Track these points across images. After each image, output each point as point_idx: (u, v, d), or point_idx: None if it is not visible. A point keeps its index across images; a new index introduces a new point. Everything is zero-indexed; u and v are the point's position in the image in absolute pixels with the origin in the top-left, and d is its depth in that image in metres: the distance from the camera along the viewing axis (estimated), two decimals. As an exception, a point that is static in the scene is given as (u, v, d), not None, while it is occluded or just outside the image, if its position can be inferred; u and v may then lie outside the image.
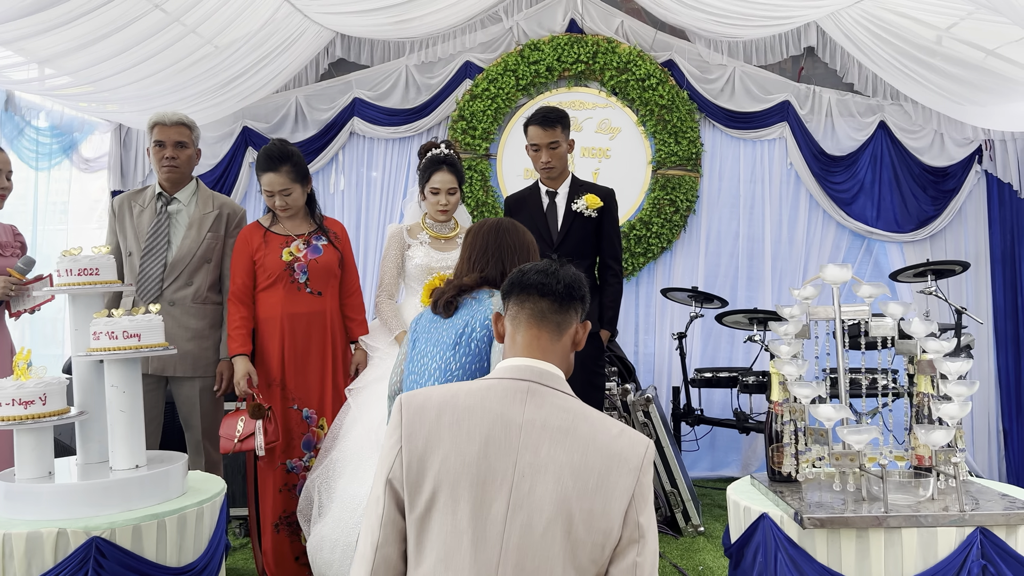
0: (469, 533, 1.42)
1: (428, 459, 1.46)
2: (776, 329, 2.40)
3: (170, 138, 3.42)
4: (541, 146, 3.48)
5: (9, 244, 3.13)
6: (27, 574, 2.06)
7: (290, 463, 3.29)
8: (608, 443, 1.47)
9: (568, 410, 1.51)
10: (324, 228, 3.44)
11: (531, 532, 1.42)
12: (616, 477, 1.45)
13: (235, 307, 3.31)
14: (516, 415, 1.48)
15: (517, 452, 1.45)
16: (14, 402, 2.23)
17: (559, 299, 1.62)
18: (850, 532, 1.98)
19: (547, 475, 1.44)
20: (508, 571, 1.41)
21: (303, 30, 5.11)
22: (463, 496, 1.43)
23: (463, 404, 1.50)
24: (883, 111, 5.31)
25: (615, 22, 5.43)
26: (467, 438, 1.46)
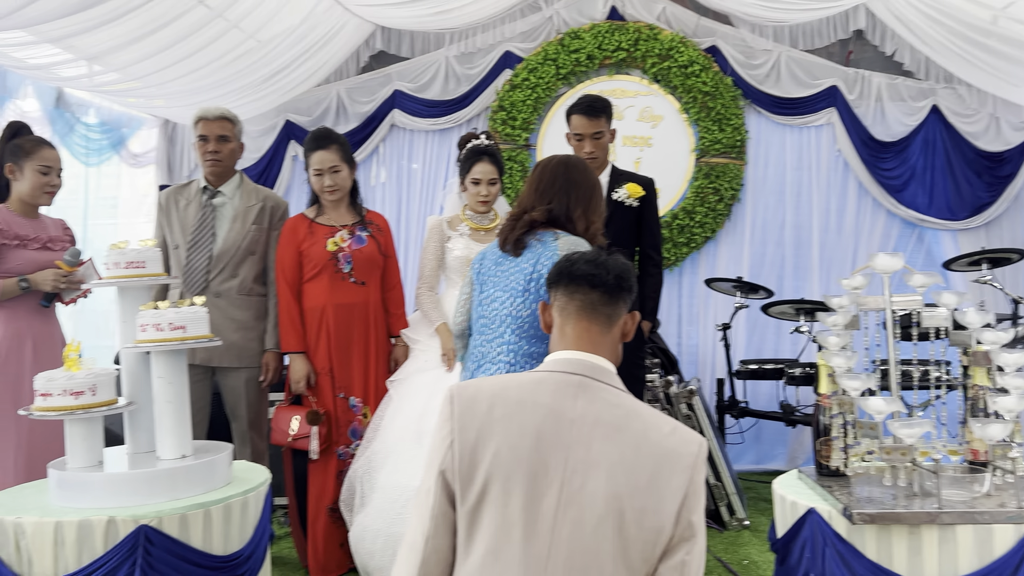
0: (520, 527, 1.41)
1: (480, 451, 1.45)
2: (825, 320, 2.34)
3: (213, 132, 3.47)
4: (585, 136, 3.42)
5: (59, 239, 3.20)
6: (78, 561, 2.11)
7: (339, 451, 3.33)
8: (660, 440, 1.46)
9: (620, 406, 1.49)
10: (366, 219, 3.46)
11: (582, 528, 1.41)
12: (669, 475, 1.43)
13: (287, 300, 3.36)
14: (568, 410, 1.47)
15: (569, 448, 1.44)
16: (65, 392, 2.28)
17: (609, 290, 1.59)
18: (902, 528, 1.92)
19: (599, 472, 1.42)
20: (558, 566, 1.40)
21: (344, 23, 5.13)
22: (515, 489, 1.42)
23: (514, 397, 1.49)
24: (935, 95, 5.15)
25: (657, 8, 5.35)
26: (519, 432, 1.45)
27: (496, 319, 2.46)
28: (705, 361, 5.27)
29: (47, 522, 2.11)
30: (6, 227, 3.02)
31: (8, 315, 3.02)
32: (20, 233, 3.06)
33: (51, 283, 3.02)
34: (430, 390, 3.09)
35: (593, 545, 1.40)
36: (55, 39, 4.01)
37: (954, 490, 2.02)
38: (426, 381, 3.15)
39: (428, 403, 3.03)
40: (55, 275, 3.02)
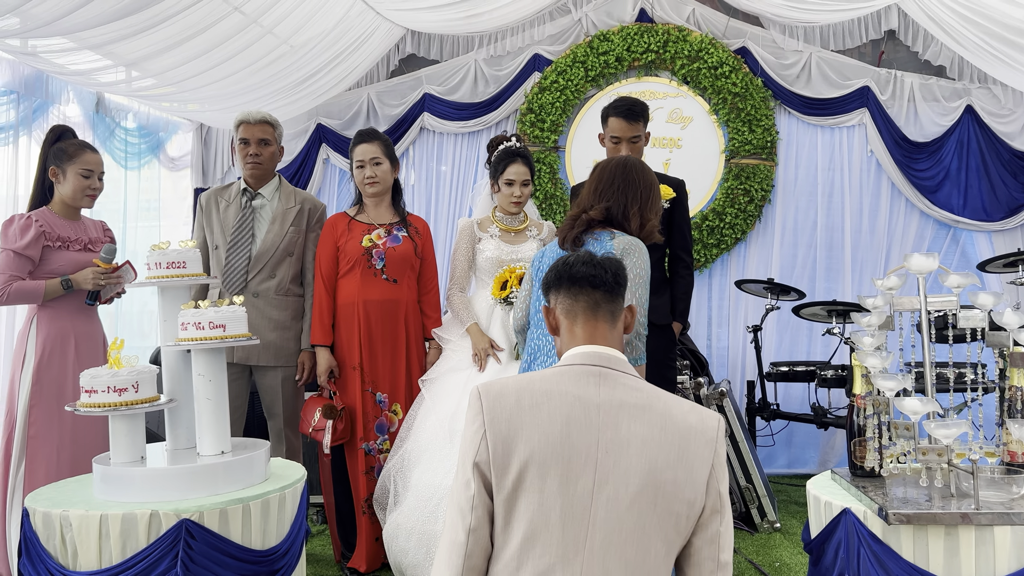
0: (557, 510, 1.45)
1: (513, 441, 1.49)
2: (859, 320, 2.33)
3: (254, 136, 3.54)
4: (623, 139, 3.41)
5: (99, 240, 3.27)
6: (122, 553, 2.16)
7: (367, 446, 3.38)
8: (683, 417, 1.53)
9: (640, 389, 1.56)
10: (407, 221, 3.50)
11: (617, 505, 1.45)
12: (696, 448, 1.50)
13: (320, 294, 3.43)
14: (592, 396, 1.52)
15: (599, 429, 1.49)
16: (109, 389, 2.34)
17: (610, 289, 1.65)
18: (938, 529, 1.91)
19: (630, 449, 1.48)
20: (596, 545, 1.44)
21: (375, 27, 5.19)
22: (549, 474, 1.46)
23: (540, 388, 1.54)
24: (970, 95, 5.09)
25: (686, 10, 5.35)
26: (548, 419, 1.49)
27: None
28: (735, 363, 5.25)
29: (92, 515, 2.17)
30: (50, 229, 3.10)
31: (52, 315, 3.09)
32: (63, 235, 3.14)
33: (91, 281, 3.09)
34: (462, 390, 3.12)
35: (630, 522, 1.45)
36: (95, 46, 4.11)
37: (991, 491, 2.01)
38: (458, 381, 3.18)
39: (460, 403, 3.06)
40: (94, 273, 3.09)
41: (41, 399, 3.01)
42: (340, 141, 5.59)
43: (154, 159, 5.29)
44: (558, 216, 5.32)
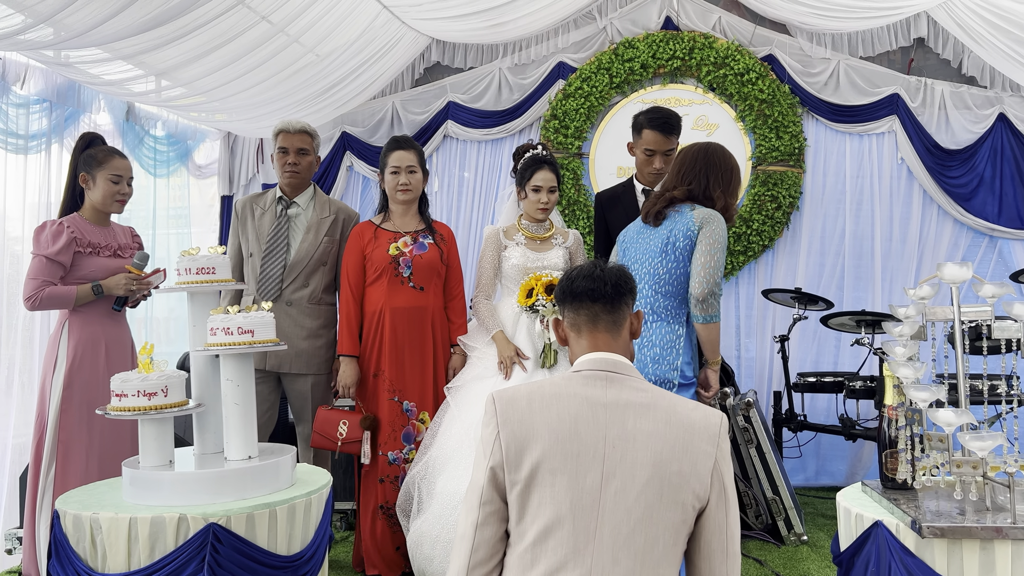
0: (567, 504, 1.52)
1: (525, 441, 1.57)
2: (891, 330, 2.30)
3: (293, 145, 3.58)
4: (657, 152, 3.40)
5: (128, 246, 3.32)
6: (151, 556, 2.18)
7: (391, 455, 3.37)
8: (687, 414, 1.60)
9: (645, 390, 1.64)
10: (432, 228, 3.51)
11: (625, 497, 1.52)
12: (699, 442, 1.57)
13: (348, 303, 3.44)
14: (600, 396, 1.61)
15: (606, 427, 1.57)
16: (139, 393, 2.36)
17: (610, 300, 1.71)
18: (973, 543, 1.88)
19: (636, 443, 1.55)
20: (605, 536, 1.50)
21: (400, 36, 5.22)
22: (559, 470, 1.54)
23: (549, 392, 1.62)
24: (1002, 103, 5.02)
25: (712, 18, 5.33)
26: (558, 418, 1.57)
27: (637, 278, 2.76)
28: (762, 373, 5.20)
29: (122, 518, 2.19)
30: (81, 235, 3.15)
31: (82, 320, 3.13)
32: (93, 241, 3.18)
33: (123, 287, 3.13)
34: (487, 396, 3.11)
35: (637, 512, 1.52)
36: (126, 56, 4.17)
37: (1029, 505, 1.97)
38: (484, 388, 3.18)
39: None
40: (127, 279, 3.13)
41: (72, 403, 3.05)
42: (364, 149, 5.62)
43: (182, 167, 5.35)
44: (581, 222, 5.30)
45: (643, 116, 3.44)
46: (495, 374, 3.23)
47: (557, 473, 1.53)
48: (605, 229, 3.54)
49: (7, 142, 3.88)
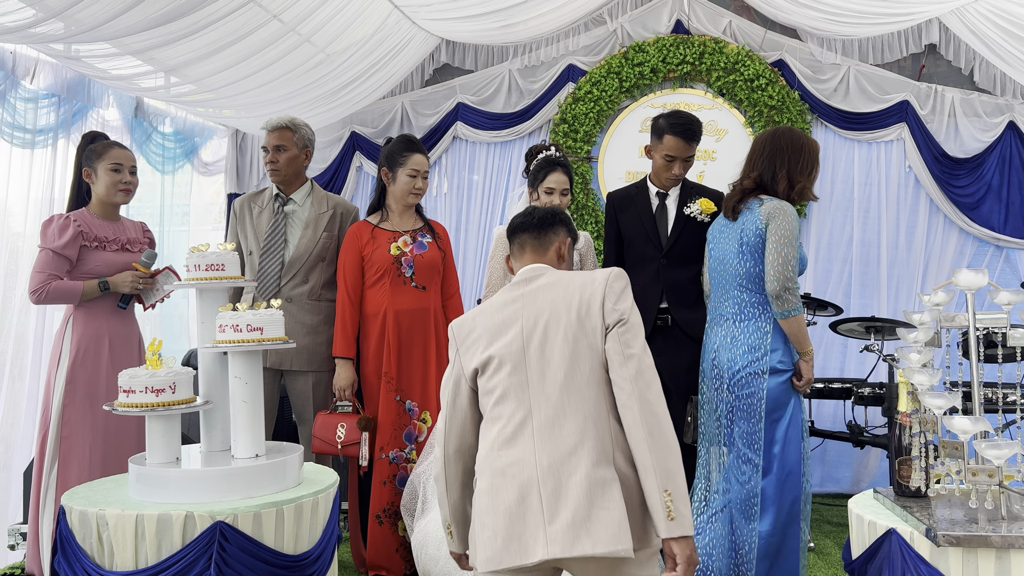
0: (507, 372, 1.93)
1: (474, 349, 2.00)
2: (905, 336, 2.28)
3: (271, 142, 3.57)
4: (677, 158, 3.36)
5: (138, 241, 3.31)
6: (157, 554, 2.17)
7: (392, 454, 3.35)
8: (583, 279, 2.01)
9: (554, 277, 2.04)
10: (431, 226, 3.51)
11: (544, 346, 1.93)
12: (590, 291, 1.97)
13: (344, 305, 3.41)
14: (520, 291, 2.04)
15: (524, 307, 1.99)
16: (147, 390, 2.35)
17: (535, 228, 2.14)
18: (988, 552, 1.86)
19: (545, 309, 1.98)
20: (535, 379, 1.91)
21: (411, 37, 5.22)
22: (497, 355, 1.95)
23: (487, 306, 2.06)
24: (1012, 111, 5.00)
25: (723, 22, 5.32)
26: (491, 319, 2.01)
27: (725, 276, 2.99)
28: (768, 379, 5.17)
29: (128, 515, 2.18)
30: (87, 229, 3.14)
31: (87, 315, 3.12)
32: (100, 235, 3.17)
33: (129, 285, 3.12)
34: None
35: (556, 355, 1.91)
36: (136, 51, 4.16)
37: (1046, 515, 1.95)
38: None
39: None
40: (133, 276, 3.12)
41: (74, 399, 3.03)
42: (374, 149, 5.61)
43: (188, 164, 5.34)
44: (590, 226, 5.29)
45: (664, 120, 3.39)
46: None
47: (495, 357, 1.96)
48: (617, 230, 3.52)
49: (13, 136, 3.86)
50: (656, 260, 3.38)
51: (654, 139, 3.42)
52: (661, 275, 3.37)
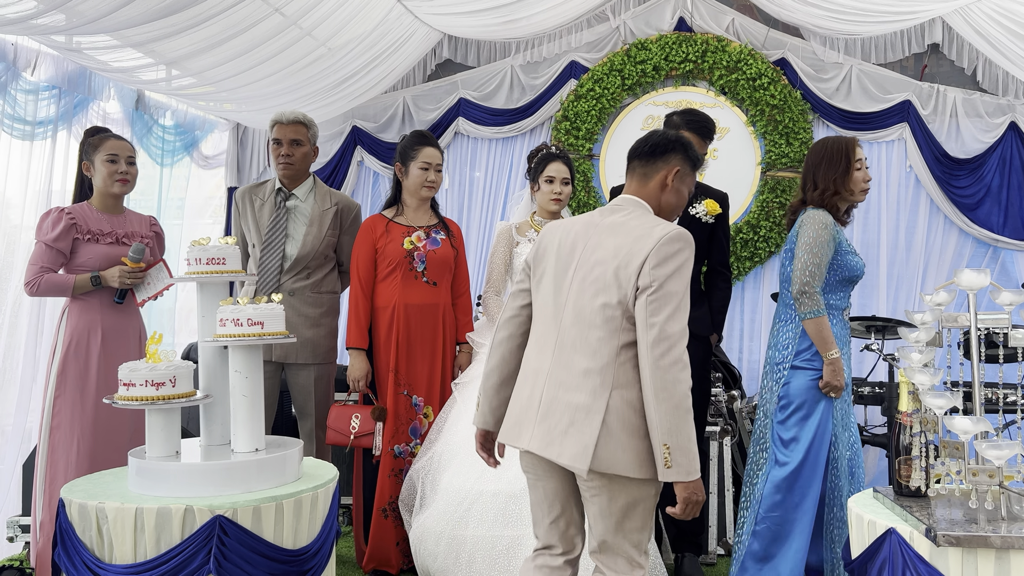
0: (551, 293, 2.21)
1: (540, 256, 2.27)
2: (907, 336, 2.28)
3: (286, 136, 3.55)
4: None
5: (140, 235, 3.29)
6: (156, 547, 2.16)
7: (397, 448, 3.36)
8: (647, 230, 2.13)
9: (630, 219, 2.19)
10: (445, 224, 3.51)
11: (587, 281, 2.15)
12: (640, 245, 2.10)
13: (357, 297, 3.43)
14: (597, 222, 2.23)
15: (587, 239, 2.21)
16: (147, 383, 2.34)
17: (644, 156, 2.27)
18: (988, 552, 1.86)
19: (600, 249, 2.17)
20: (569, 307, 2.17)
21: (412, 31, 5.20)
22: (549, 273, 2.23)
23: (570, 222, 2.29)
24: (1014, 111, 5.00)
25: (726, 20, 5.31)
26: (561, 239, 2.25)
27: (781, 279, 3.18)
28: (767, 377, 5.17)
29: (128, 508, 2.17)
30: (82, 222, 3.13)
31: (82, 308, 3.12)
32: (94, 228, 3.16)
33: (118, 279, 3.10)
34: None
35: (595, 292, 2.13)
36: (137, 43, 4.15)
37: (1046, 516, 1.95)
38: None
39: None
40: (121, 272, 3.10)
41: (65, 390, 3.04)
42: (375, 144, 5.60)
43: (187, 157, 5.33)
44: (590, 224, 5.28)
45: (679, 117, 3.39)
46: None
47: (548, 275, 2.23)
48: None
49: (13, 128, 3.85)
50: None
51: None
52: None
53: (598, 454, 2.03)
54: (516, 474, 2.77)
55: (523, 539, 2.76)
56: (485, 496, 2.86)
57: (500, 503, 2.84)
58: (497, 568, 2.76)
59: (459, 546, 2.84)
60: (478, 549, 2.81)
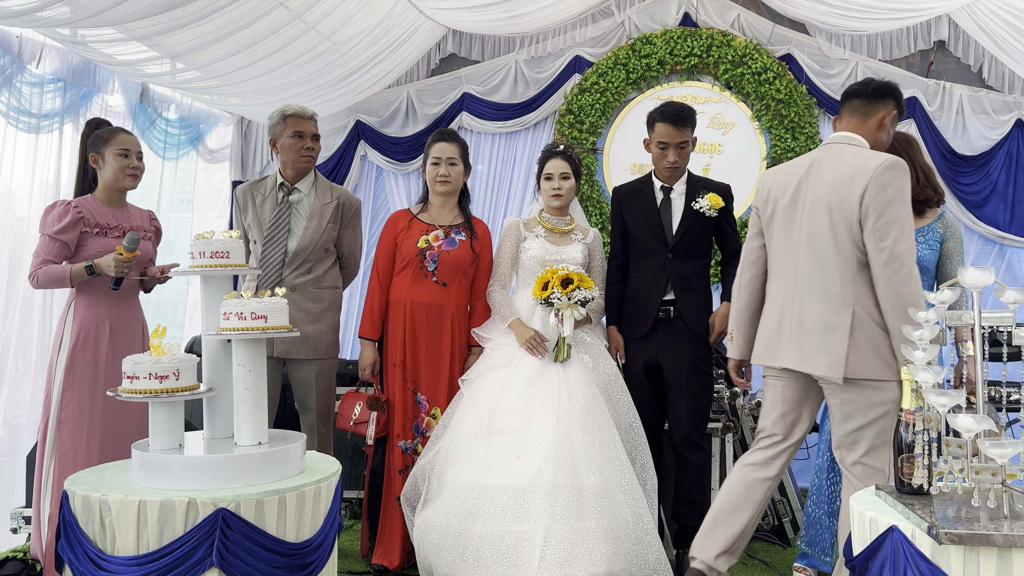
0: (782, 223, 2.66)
1: (767, 198, 2.75)
2: (909, 334, 2.28)
3: (309, 130, 3.57)
4: (670, 145, 3.38)
5: (142, 228, 3.30)
6: (159, 540, 2.17)
7: (404, 444, 3.38)
8: (864, 161, 2.52)
9: (848, 153, 2.57)
10: (471, 225, 3.50)
11: (814, 213, 2.55)
12: (859, 179, 2.46)
13: (374, 288, 3.48)
14: (819, 160, 2.61)
15: (807, 175, 2.60)
16: (151, 376, 2.35)
17: (867, 96, 2.67)
18: (990, 551, 1.86)
19: (819, 186, 2.54)
20: (803, 238, 2.60)
21: (417, 26, 5.20)
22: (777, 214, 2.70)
23: (795, 161, 2.76)
24: (1021, 109, 4.98)
25: (731, 16, 5.29)
26: (787, 178, 2.69)
27: None
28: (770, 374, 5.17)
29: (131, 500, 2.18)
30: (88, 215, 3.13)
31: (89, 300, 3.13)
32: (101, 222, 3.16)
33: (113, 268, 3.08)
34: (500, 388, 3.11)
35: (823, 222, 2.53)
36: (142, 37, 4.15)
37: (1049, 514, 1.95)
38: (496, 379, 3.16)
39: (498, 401, 3.05)
40: (116, 260, 3.08)
41: (74, 383, 3.04)
42: (378, 138, 5.60)
43: (192, 150, 5.33)
44: (594, 219, 5.28)
45: (655, 110, 3.45)
46: (508, 363, 3.21)
47: (777, 215, 2.64)
48: (622, 224, 3.52)
49: (19, 120, 3.86)
50: (662, 254, 3.39)
51: (648, 130, 3.46)
52: (667, 268, 3.37)
53: (849, 363, 2.46)
54: (523, 469, 2.78)
55: (530, 534, 2.76)
56: (492, 490, 2.86)
57: (507, 497, 2.84)
58: (504, 563, 2.75)
59: (465, 540, 2.84)
60: (485, 543, 2.80)
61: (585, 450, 2.88)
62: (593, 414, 2.99)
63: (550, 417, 2.93)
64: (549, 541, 2.73)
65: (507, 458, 2.88)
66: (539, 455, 2.84)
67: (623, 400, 3.18)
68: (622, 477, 2.89)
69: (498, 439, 2.94)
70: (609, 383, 3.19)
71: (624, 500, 2.84)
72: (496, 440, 2.94)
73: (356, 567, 3.52)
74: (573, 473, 2.82)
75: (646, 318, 3.34)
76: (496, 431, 2.97)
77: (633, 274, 3.44)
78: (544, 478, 2.81)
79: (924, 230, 3.10)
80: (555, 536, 2.74)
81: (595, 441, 2.92)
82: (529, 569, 2.69)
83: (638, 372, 3.37)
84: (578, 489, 2.81)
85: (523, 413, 2.97)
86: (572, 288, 3.13)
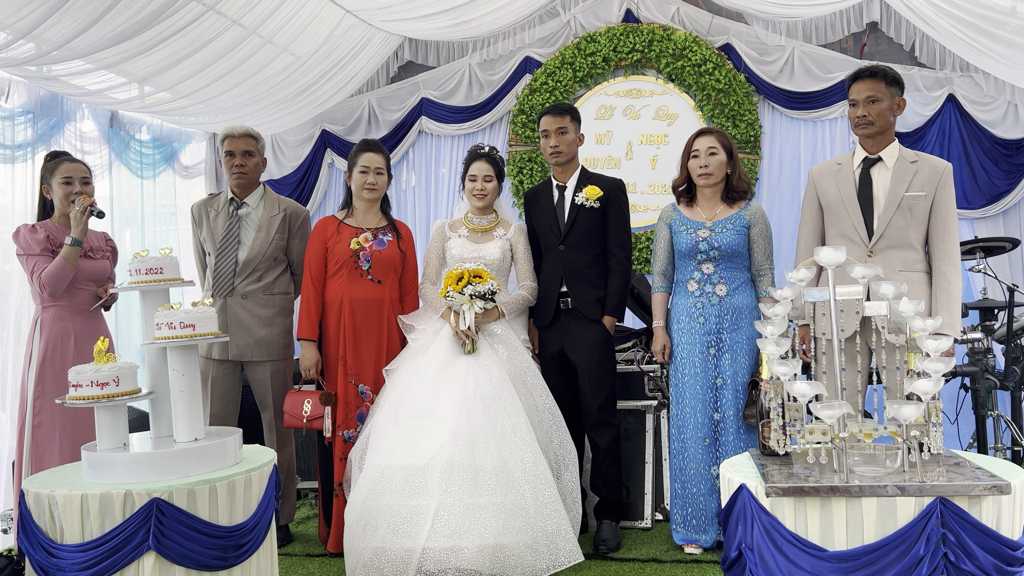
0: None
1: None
2: (766, 311, 2.50)
3: (239, 148, 3.82)
4: (550, 132, 3.65)
5: (100, 248, 3.58)
6: (101, 528, 2.45)
7: (347, 434, 3.63)
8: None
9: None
10: (395, 226, 3.75)
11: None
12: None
13: (308, 291, 3.69)
14: None
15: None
16: (92, 383, 2.62)
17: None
18: (814, 500, 2.09)
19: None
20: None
21: (369, 37, 5.44)
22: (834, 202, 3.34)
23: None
24: (952, 84, 5.14)
25: (671, 9, 5.49)
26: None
27: None
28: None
29: (75, 495, 2.46)
30: (54, 236, 3.43)
31: (54, 316, 3.41)
32: (64, 242, 3.45)
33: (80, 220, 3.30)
34: (409, 377, 3.38)
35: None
36: (108, 65, 4.43)
37: (869, 467, 2.17)
38: (415, 365, 3.43)
39: (407, 389, 3.31)
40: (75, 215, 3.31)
41: (44, 393, 3.33)
42: (344, 146, 5.85)
43: (168, 168, 5.61)
44: (549, 213, 5.50)
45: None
46: (425, 349, 3.47)
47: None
48: (531, 223, 3.78)
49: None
50: (555, 247, 3.63)
51: (539, 128, 3.73)
52: (560, 260, 3.62)
53: None
54: (423, 449, 3.03)
55: (424, 508, 3.02)
56: (394, 469, 3.12)
57: (406, 475, 3.10)
58: (398, 533, 3.02)
59: (368, 515, 3.10)
60: (383, 516, 3.06)
61: (485, 433, 3.13)
62: (500, 400, 3.23)
63: (453, 403, 3.19)
64: (440, 514, 2.98)
65: (411, 440, 3.13)
66: (439, 437, 3.11)
67: (537, 384, 3.43)
68: (523, 456, 3.14)
69: (404, 424, 3.20)
70: (522, 370, 3.44)
71: (523, 477, 3.09)
72: (403, 425, 3.21)
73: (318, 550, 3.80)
74: (471, 454, 3.07)
75: (548, 308, 3.60)
76: (403, 416, 3.23)
77: (540, 268, 3.69)
78: (441, 458, 3.06)
79: (733, 218, 3.45)
80: (447, 510, 2.99)
81: (496, 425, 3.16)
82: (419, 539, 2.95)
83: (548, 359, 3.65)
84: (474, 468, 3.06)
85: (430, 400, 3.23)
86: (463, 285, 3.39)
